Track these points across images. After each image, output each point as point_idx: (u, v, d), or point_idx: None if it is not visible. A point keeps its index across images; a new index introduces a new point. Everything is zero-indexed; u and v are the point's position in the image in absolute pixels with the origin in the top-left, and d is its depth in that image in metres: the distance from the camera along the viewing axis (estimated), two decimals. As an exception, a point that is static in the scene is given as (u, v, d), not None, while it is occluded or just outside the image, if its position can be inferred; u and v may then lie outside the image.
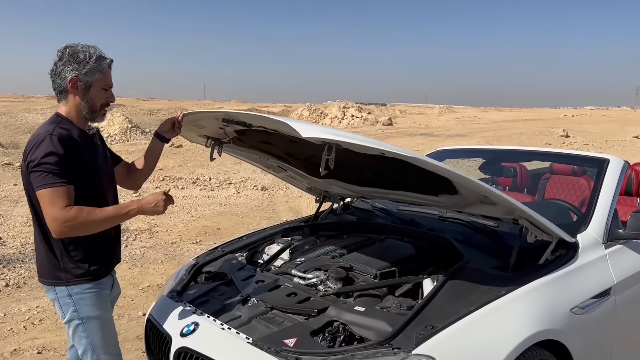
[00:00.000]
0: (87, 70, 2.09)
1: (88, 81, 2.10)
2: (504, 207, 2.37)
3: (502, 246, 2.61)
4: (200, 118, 2.52)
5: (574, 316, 2.21)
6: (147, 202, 2.10)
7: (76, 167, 2.03)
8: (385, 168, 2.46)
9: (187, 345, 2.11)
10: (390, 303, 2.15)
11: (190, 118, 2.49)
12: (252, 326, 2.13)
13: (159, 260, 5.83)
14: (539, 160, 3.91)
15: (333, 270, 2.44)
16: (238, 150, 2.95)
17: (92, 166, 2.13)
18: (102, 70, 2.12)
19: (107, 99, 2.18)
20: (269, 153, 2.90)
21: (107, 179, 2.27)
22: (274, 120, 2.12)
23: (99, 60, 2.11)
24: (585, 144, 20.15)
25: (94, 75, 2.10)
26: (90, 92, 2.12)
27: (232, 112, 2.36)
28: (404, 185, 2.67)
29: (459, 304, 2.02)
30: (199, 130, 2.70)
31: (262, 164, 3.24)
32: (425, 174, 2.13)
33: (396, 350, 1.81)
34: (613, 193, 2.76)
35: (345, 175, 2.92)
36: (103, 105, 2.17)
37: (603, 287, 2.41)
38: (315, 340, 1.98)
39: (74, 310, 2.12)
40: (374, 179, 2.80)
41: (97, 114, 2.17)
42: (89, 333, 2.14)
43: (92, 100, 2.13)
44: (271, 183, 10.99)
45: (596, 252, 2.51)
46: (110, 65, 2.17)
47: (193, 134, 2.77)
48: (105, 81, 2.15)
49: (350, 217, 3.43)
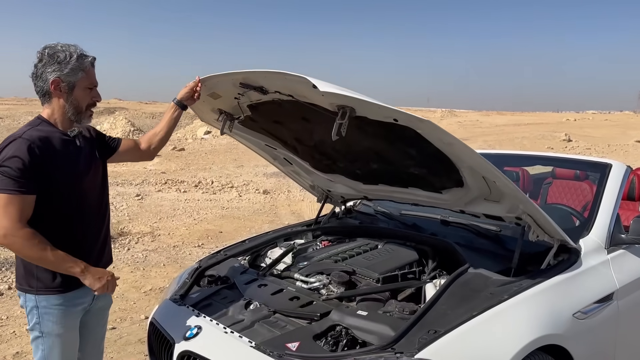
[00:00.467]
0: (69, 70, 2.01)
1: (71, 81, 2.02)
2: (508, 203, 2.38)
3: (504, 251, 2.62)
4: (217, 85, 2.47)
5: (577, 321, 2.21)
6: (94, 272, 2.02)
7: (46, 174, 1.94)
8: (393, 155, 2.48)
9: (190, 348, 2.11)
10: (393, 307, 2.15)
11: (208, 84, 2.46)
12: (255, 330, 2.13)
13: (161, 263, 5.84)
14: (542, 165, 3.91)
15: (335, 274, 2.45)
16: (247, 135, 2.97)
17: (69, 171, 2.03)
18: (85, 69, 2.04)
19: (92, 99, 2.09)
20: (278, 138, 2.92)
21: (92, 182, 2.15)
22: (292, 76, 2.08)
23: (81, 59, 2.03)
24: (588, 149, 20.14)
25: (76, 74, 2.02)
26: (74, 92, 2.03)
27: (249, 71, 2.29)
28: (409, 178, 2.69)
29: (461, 309, 2.02)
30: (214, 102, 2.65)
31: (270, 154, 3.25)
32: (433, 158, 2.17)
33: (399, 354, 1.81)
34: (615, 198, 2.76)
35: (350, 168, 2.93)
36: (89, 106, 2.09)
37: (605, 292, 2.41)
38: (318, 344, 1.98)
39: (37, 322, 2.06)
40: (379, 172, 2.81)
41: (83, 115, 2.08)
42: (45, 347, 2.08)
43: (77, 101, 2.05)
44: (273, 187, 11.01)
45: (599, 256, 2.51)
46: (94, 63, 2.08)
47: (207, 107, 2.72)
48: (89, 80, 2.06)
49: (353, 221, 3.43)
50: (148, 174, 12.70)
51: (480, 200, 2.52)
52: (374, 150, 2.58)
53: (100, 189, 2.22)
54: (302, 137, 2.79)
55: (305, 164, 3.15)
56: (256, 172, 13.30)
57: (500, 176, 2.12)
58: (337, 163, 2.98)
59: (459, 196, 2.56)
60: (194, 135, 23.33)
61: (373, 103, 1.95)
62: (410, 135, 2.12)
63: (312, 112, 2.34)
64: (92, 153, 2.19)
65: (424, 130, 2.03)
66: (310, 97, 2.18)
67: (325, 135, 2.17)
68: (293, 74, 2.06)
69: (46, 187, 1.96)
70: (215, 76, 2.42)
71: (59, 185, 1.99)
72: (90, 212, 2.15)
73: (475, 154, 2.06)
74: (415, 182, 2.72)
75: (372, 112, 2.06)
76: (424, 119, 1.93)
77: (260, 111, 2.63)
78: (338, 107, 2.07)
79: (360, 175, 3.01)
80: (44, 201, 1.97)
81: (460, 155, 2.15)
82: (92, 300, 2.21)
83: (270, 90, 2.33)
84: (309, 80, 1.96)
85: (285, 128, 2.77)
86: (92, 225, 2.18)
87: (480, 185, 2.40)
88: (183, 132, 24.22)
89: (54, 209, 2.01)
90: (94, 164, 2.19)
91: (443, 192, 2.64)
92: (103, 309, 2.34)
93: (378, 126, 2.19)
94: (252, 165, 14.74)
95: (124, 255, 6.04)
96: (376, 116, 2.08)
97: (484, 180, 2.31)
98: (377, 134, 2.33)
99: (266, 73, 2.21)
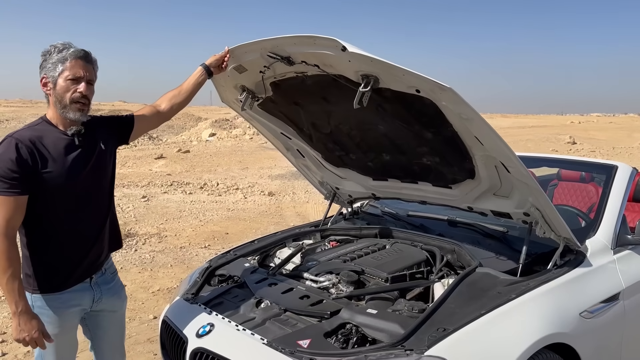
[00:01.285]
0: (51, 65, 1.98)
1: (53, 76, 1.99)
2: (517, 197, 2.42)
3: (511, 251, 2.65)
4: (245, 55, 2.47)
5: (583, 320, 2.24)
6: (23, 321, 1.92)
7: (36, 173, 1.93)
8: (407, 141, 2.55)
9: (203, 345, 2.14)
10: (402, 306, 2.18)
11: (236, 54, 2.48)
12: (266, 327, 2.16)
13: (169, 264, 5.88)
14: (547, 167, 3.94)
15: (345, 273, 2.48)
16: (265, 120, 3.01)
17: (62, 169, 1.99)
18: (64, 61, 1.97)
19: (77, 91, 1.99)
20: (294, 124, 2.96)
21: (92, 177, 2.10)
22: (321, 39, 2.09)
23: (62, 52, 1.98)
24: (592, 151, 20.12)
25: (56, 68, 1.98)
26: (57, 87, 1.99)
27: (279, 37, 2.27)
28: (420, 171, 2.74)
29: (469, 308, 2.05)
30: (238, 77, 2.65)
31: (284, 143, 3.29)
32: (447, 144, 2.28)
33: (409, 351, 1.84)
34: (622, 199, 2.79)
35: (363, 161, 2.97)
36: (73, 100, 1.99)
37: (612, 291, 2.43)
38: (329, 342, 2.01)
39: None
40: (391, 164, 2.86)
41: (67, 109, 2.00)
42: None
43: (59, 96, 1.99)
44: (278, 188, 11.05)
45: (605, 257, 2.54)
46: (80, 55, 2.00)
47: (230, 83, 2.73)
48: (70, 71, 1.98)
49: (360, 222, 3.47)
50: (154, 175, 12.77)
51: (489, 195, 2.55)
52: (389, 136, 2.62)
53: (103, 182, 2.17)
54: (319, 122, 2.83)
55: (318, 155, 3.19)
56: (261, 174, 13.35)
57: (516, 160, 2.14)
58: (350, 154, 3.02)
59: (469, 190, 2.59)
60: (199, 137, 23.43)
61: (399, 67, 1.98)
62: (429, 113, 2.16)
63: (333, 90, 2.37)
64: (96, 149, 2.13)
65: (445, 100, 2.04)
66: (336, 65, 2.20)
67: (343, 118, 2.19)
68: (322, 36, 2.08)
69: (38, 185, 1.95)
70: (244, 45, 2.43)
71: (50, 184, 1.97)
72: (88, 209, 2.11)
73: (494, 133, 2.07)
74: (426, 176, 2.76)
75: (396, 80, 2.08)
76: (446, 86, 1.94)
77: (282, 90, 2.65)
78: (362, 77, 2.12)
79: (371, 169, 3.05)
80: (38, 199, 1.96)
81: (478, 135, 2.16)
82: (92, 303, 2.19)
83: (297, 61, 2.33)
84: (338, 42, 2.01)
85: (303, 111, 2.80)
86: (92, 219, 2.14)
87: (492, 177, 2.43)
88: (188, 135, 24.33)
89: (49, 206, 2.00)
90: (97, 159, 2.12)
91: (453, 187, 2.68)
92: (113, 311, 2.31)
93: (398, 103, 2.24)
94: (257, 167, 14.79)
95: (131, 256, 6.08)
96: (400, 86, 2.11)
97: (496, 170, 2.35)
98: (395, 114, 2.36)
99: (295, 38, 2.21)
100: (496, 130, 2.07)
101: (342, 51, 2.03)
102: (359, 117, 2.54)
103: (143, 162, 15.32)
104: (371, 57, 1.99)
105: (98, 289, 2.20)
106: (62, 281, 2.07)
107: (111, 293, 2.26)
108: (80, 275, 2.12)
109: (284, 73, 2.50)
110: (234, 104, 2.92)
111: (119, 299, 2.34)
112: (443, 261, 2.63)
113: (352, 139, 2.85)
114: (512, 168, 2.23)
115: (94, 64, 2.08)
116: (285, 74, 2.51)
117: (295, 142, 3.20)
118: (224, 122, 27.15)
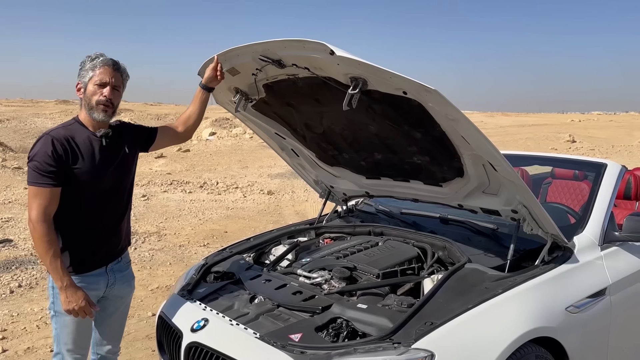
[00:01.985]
0: (84, 72, 2.23)
1: (84, 82, 2.23)
2: (505, 195, 2.47)
3: (500, 248, 2.70)
4: (237, 58, 2.53)
5: (569, 315, 2.29)
6: (70, 293, 2.15)
7: (67, 168, 2.15)
8: (398, 141, 2.61)
9: (197, 340, 2.20)
10: (392, 301, 2.23)
11: (228, 58, 2.54)
12: (260, 322, 2.22)
13: (168, 262, 5.94)
14: (539, 165, 3.99)
15: (337, 270, 2.53)
16: (259, 120, 3.06)
17: (89, 167, 2.21)
18: (94, 68, 2.21)
19: (102, 95, 2.21)
20: (288, 125, 3.02)
21: (115, 177, 2.32)
22: (310, 43, 2.15)
23: (93, 61, 2.23)
24: (592, 149, 20.14)
25: (87, 75, 2.22)
26: (86, 91, 2.23)
27: (269, 41, 2.34)
28: (411, 170, 2.80)
29: (457, 302, 2.11)
30: (231, 79, 2.72)
31: (278, 143, 3.35)
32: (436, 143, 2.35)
33: (396, 344, 1.89)
34: (610, 197, 2.84)
35: (355, 160, 3.03)
36: (98, 102, 2.22)
37: (598, 287, 2.49)
38: (320, 336, 2.07)
39: (52, 301, 2.28)
40: (383, 163, 2.92)
41: (94, 110, 2.23)
42: (58, 326, 2.29)
43: (88, 98, 2.23)
44: (277, 187, 11.10)
45: (592, 253, 2.59)
46: (108, 63, 2.23)
47: (223, 85, 2.78)
48: (98, 77, 2.21)
49: (355, 220, 3.52)
50: (154, 175, 12.83)
51: (479, 193, 2.61)
52: (380, 136, 2.67)
53: (124, 182, 2.39)
54: (311, 122, 2.88)
55: (312, 155, 3.24)
56: (260, 173, 13.40)
57: (501, 159, 2.19)
58: (343, 154, 3.08)
59: (458, 188, 2.64)
60: (199, 136, 23.46)
61: (385, 71, 2.04)
62: (417, 113, 2.22)
63: (324, 91, 2.43)
64: (121, 151, 2.36)
65: (431, 101, 2.10)
66: (325, 68, 2.26)
67: (335, 119, 2.23)
68: (311, 40, 2.15)
69: (67, 179, 2.17)
70: (236, 48, 2.49)
71: (78, 179, 2.19)
72: (110, 204, 2.33)
73: (479, 133, 2.12)
74: (417, 174, 2.82)
75: (384, 82, 2.14)
76: (431, 88, 2.00)
77: (274, 91, 2.71)
78: (351, 79, 2.17)
79: (364, 168, 3.10)
80: (67, 191, 2.19)
81: (464, 135, 2.22)
82: (106, 288, 2.39)
83: (288, 64, 2.39)
84: (327, 46, 2.06)
85: (296, 112, 2.86)
86: (112, 213, 2.36)
87: (480, 175, 2.49)
88: (188, 134, 24.31)
89: (75, 199, 2.21)
90: (121, 160, 2.35)
91: (443, 186, 2.73)
92: (121, 297, 2.50)
93: (386, 104, 2.29)
94: (256, 166, 14.85)
95: (131, 255, 6.10)
96: (387, 88, 2.17)
97: (484, 169, 2.40)
98: (384, 115, 2.42)
99: (285, 42, 2.28)
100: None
101: (331, 55, 2.09)
102: (350, 117, 2.59)
103: (143, 161, 15.37)
104: (358, 60, 2.04)
105: (113, 275, 2.40)
106: (83, 265, 2.28)
107: (123, 280, 2.47)
108: (99, 262, 2.34)
109: (276, 75, 2.56)
110: (228, 105, 2.97)
111: (129, 287, 2.54)
112: (434, 258, 2.68)
113: (345, 139, 2.90)
114: (499, 167, 2.28)
115: (122, 72, 2.30)
116: (277, 76, 2.56)
117: (290, 142, 3.25)
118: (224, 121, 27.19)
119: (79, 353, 2.34)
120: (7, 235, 6.79)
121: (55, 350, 2.35)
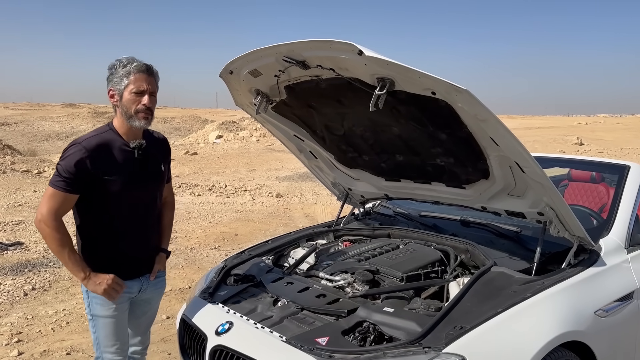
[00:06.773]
0: (117, 79, 2.17)
1: (119, 89, 2.17)
2: (531, 197, 2.44)
3: (525, 250, 2.67)
4: (261, 59, 2.50)
5: (598, 318, 2.26)
6: (94, 278, 2.18)
7: (95, 178, 2.14)
8: (421, 142, 2.57)
9: (223, 343, 2.17)
10: (418, 304, 2.21)
11: (251, 59, 2.51)
12: (284, 326, 2.19)
13: (180, 265, 5.93)
14: (559, 167, 3.95)
15: (360, 273, 2.51)
16: (278, 122, 3.04)
17: (121, 178, 2.20)
18: (129, 75, 2.16)
19: (141, 103, 2.18)
20: (308, 126, 3.00)
21: (144, 190, 2.32)
22: (338, 43, 2.12)
23: (127, 67, 2.16)
24: (600, 152, 20.03)
25: (122, 82, 2.16)
26: (122, 99, 2.18)
27: (295, 42, 2.30)
28: (433, 172, 2.76)
29: (485, 306, 2.08)
30: (253, 81, 2.69)
31: (296, 145, 3.33)
32: (462, 144, 2.31)
33: (427, 349, 1.86)
34: (634, 199, 2.81)
35: (375, 162, 3.00)
36: (137, 111, 2.18)
37: (626, 290, 2.45)
38: (347, 340, 2.04)
39: (88, 306, 2.30)
40: (404, 165, 2.89)
41: (133, 118, 2.19)
42: (96, 329, 2.31)
43: (125, 107, 2.18)
44: (286, 190, 11.08)
45: (619, 256, 2.56)
46: (142, 69, 2.18)
47: (245, 87, 2.76)
48: (134, 84, 2.16)
49: (373, 223, 3.49)
50: (162, 177, 12.83)
51: (504, 195, 2.57)
52: (403, 137, 2.64)
53: (154, 194, 2.40)
54: (332, 124, 2.86)
55: (330, 157, 3.22)
56: (268, 176, 13.40)
57: (531, 160, 2.16)
58: (363, 156, 3.05)
59: (482, 190, 2.61)
60: (206, 139, 23.52)
61: (414, 70, 2.01)
62: (444, 114, 2.19)
63: (348, 93, 2.40)
64: (152, 164, 2.35)
65: (461, 102, 2.06)
66: (352, 68, 2.23)
67: (357, 120, 2.20)
68: (338, 40, 2.11)
69: (97, 188, 2.17)
70: (260, 50, 2.46)
71: (109, 189, 2.19)
72: (141, 215, 2.33)
73: (509, 133, 2.09)
74: (440, 176, 2.79)
75: (412, 82, 2.11)
76: (462, 88, 1.96)
77: (296, 93, 2.68)
78: (378, 80, 2.15)
79: (384, 170, 3.07)
80: (94, 199, 2.20)
81: (493, 136, 2.19)
82: (139, 292, 2.38)
83: (312, 65, 2.36)
84: (355, 46, 2.04)
85: (317, 113, 2.83)
86: (142, 225, 2.36)
87: (506, 176, 2.45)
88: (195, 137, 24.42)
89: (106, 208, 2.23)
90: (151, 173, 2.35)
91: (466, 188, 2.70)
92: (149, 301, 2.49)
93: (412, 105, 2.27)
94: (264, 169, 14.84)
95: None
96: (415, 88, 2.14)
97: (510, 170, 2.37)
98: (410, 116, 2.39)
99: (311, 42, 2.24)
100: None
101: (359, 55, 2.06)
102: (373, 119, 2.57)
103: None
104: (387, 60, 2.02)
105: (146, 281, 2.42)
106: (117, 268, 2.26)
107: (156, 287, 2.50)
108: (129, 271, 2.32)
109: (299, 77, 2.53)
110: (248, 107, 2.95)
111: (159, 294, 2.56)
112: (457, 261, 2.65)
113: (366, 141, 2.88)
114: (527, 168, 2.25)
115: (155, 76, 2.25)
116: (300, 77, 2.54)
117: (308, 144, 3.23)
118: (231, 124, 27.25)
119: (119, 355, 2.33)
120: (18, 238, 6.80)
121: (97, 354, 2.35)
